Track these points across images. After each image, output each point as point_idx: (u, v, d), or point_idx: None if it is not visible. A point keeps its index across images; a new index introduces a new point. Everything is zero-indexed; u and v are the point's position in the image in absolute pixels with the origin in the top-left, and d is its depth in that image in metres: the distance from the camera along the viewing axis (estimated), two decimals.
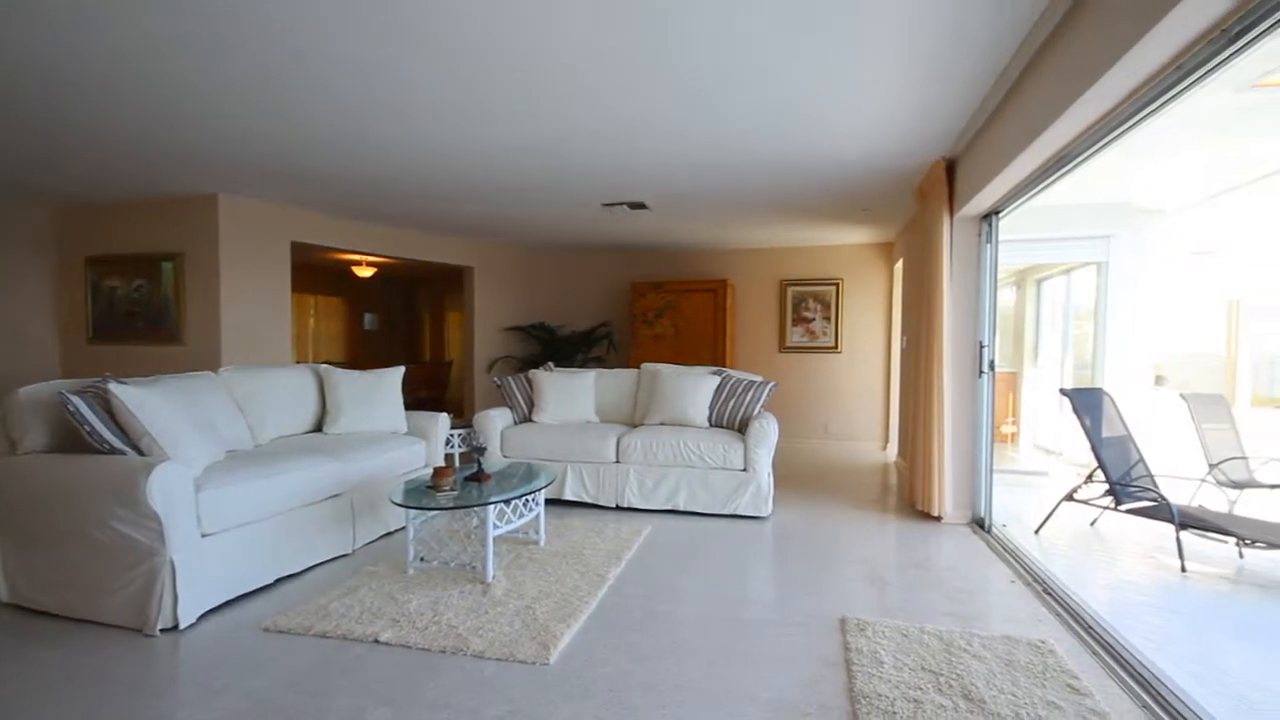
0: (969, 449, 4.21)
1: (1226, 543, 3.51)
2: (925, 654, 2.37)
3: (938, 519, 4.21)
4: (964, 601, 2.95)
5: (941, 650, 2.40)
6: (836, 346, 7.62)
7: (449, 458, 4.96)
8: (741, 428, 4.60)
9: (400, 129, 3.58)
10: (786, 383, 7.57)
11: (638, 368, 5.36)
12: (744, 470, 4.29)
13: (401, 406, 4.46)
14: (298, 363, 5.00)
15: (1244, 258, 8.19)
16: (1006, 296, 8.15)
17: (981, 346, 4.14)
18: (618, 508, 4.48)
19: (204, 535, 2.70)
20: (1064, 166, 2.92)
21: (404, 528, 3.24)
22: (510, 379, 5.19)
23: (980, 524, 4.11)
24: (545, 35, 2.49)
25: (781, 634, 2.60)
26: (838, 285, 7.59)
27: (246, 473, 2.97)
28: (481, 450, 3.54)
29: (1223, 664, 2.43)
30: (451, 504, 3.03)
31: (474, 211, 5.86)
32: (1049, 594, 2.98)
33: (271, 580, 3.04)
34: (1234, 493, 4.37)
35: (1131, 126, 2.34)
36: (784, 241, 7.45)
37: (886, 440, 7.29)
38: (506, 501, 3.19)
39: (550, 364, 5.68)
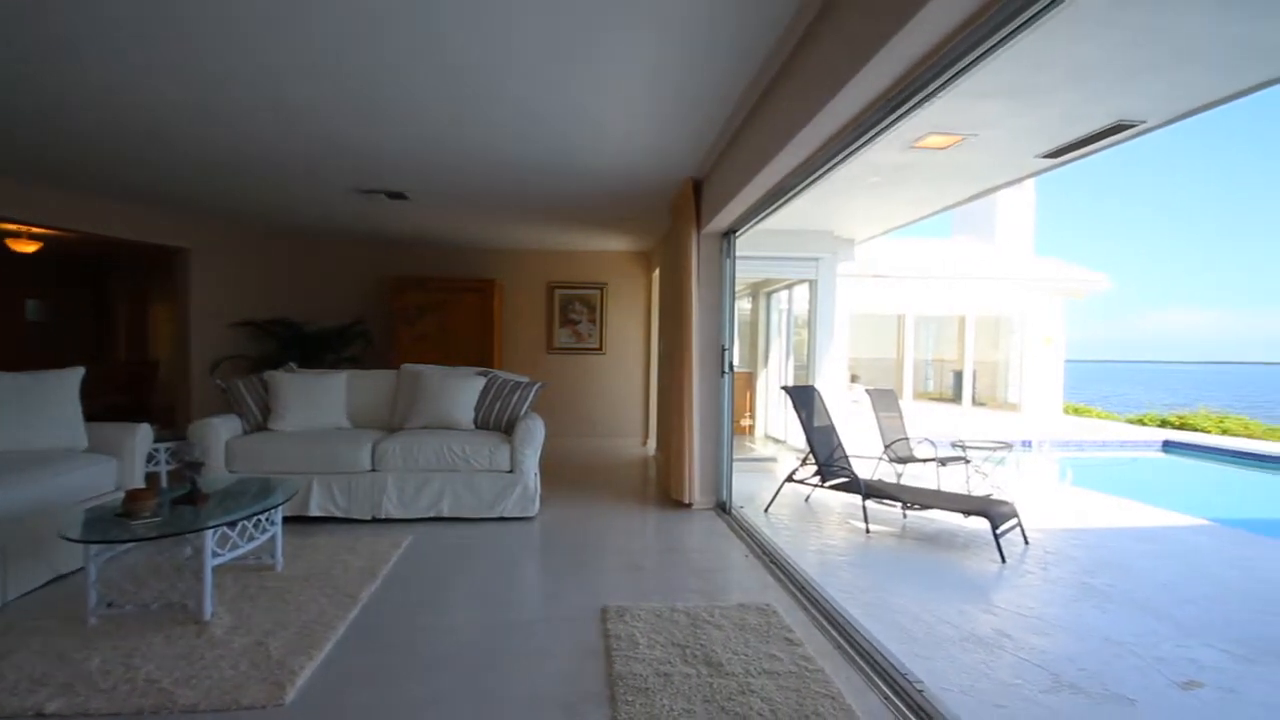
0: (714, 441, 4.71)
1: (895, 507, 4.44)
2: (675, 630, 2.60)
3: (689, 506, 4.63)
4: (709, 578, 3.29)
5: (689, 625, 2.65)
6: (601, 348, 7.98)
7: (152, 477, 4.13)
8: (508, 429, 4.57)
9: (62, 67, 2.88)
10: (554, 383, 7.71)
11: (397, 369, 5.02)
12: (511, 471, 4.26)
13: (79, 416, 3.58)
14: None
15: (907, 282, 10.46)
16: (744, 306, 9.30)
17: (723, 349, 4.67)
18: (374, 520, 4.14)
19: None
20: (783, 196, 3.44)
21: (83, 568, 2.60)
22: (240, 382, 4.49)
23: (723, 507, 4.62)
24: None
25: (547, 630, 2.63)
26: (602, 289, 7.95)
27: None
28: (197, 466, 3.00)
29: (890, 603, 3.07)
30: (152, 533, 2.51)
31: (185, 183, 4.95)
32: (775, 563, 3.47)
33: None
34: (900, 467, 5.55)
35: (829, 169, 2.85)
36: (552, 245, 7.58)
37: (647, 436, 7.83)
38: (231, 524, 2.75)
39: (292, 364, 5.04)
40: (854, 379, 12.26)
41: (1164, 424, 11.67)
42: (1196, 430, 10.84)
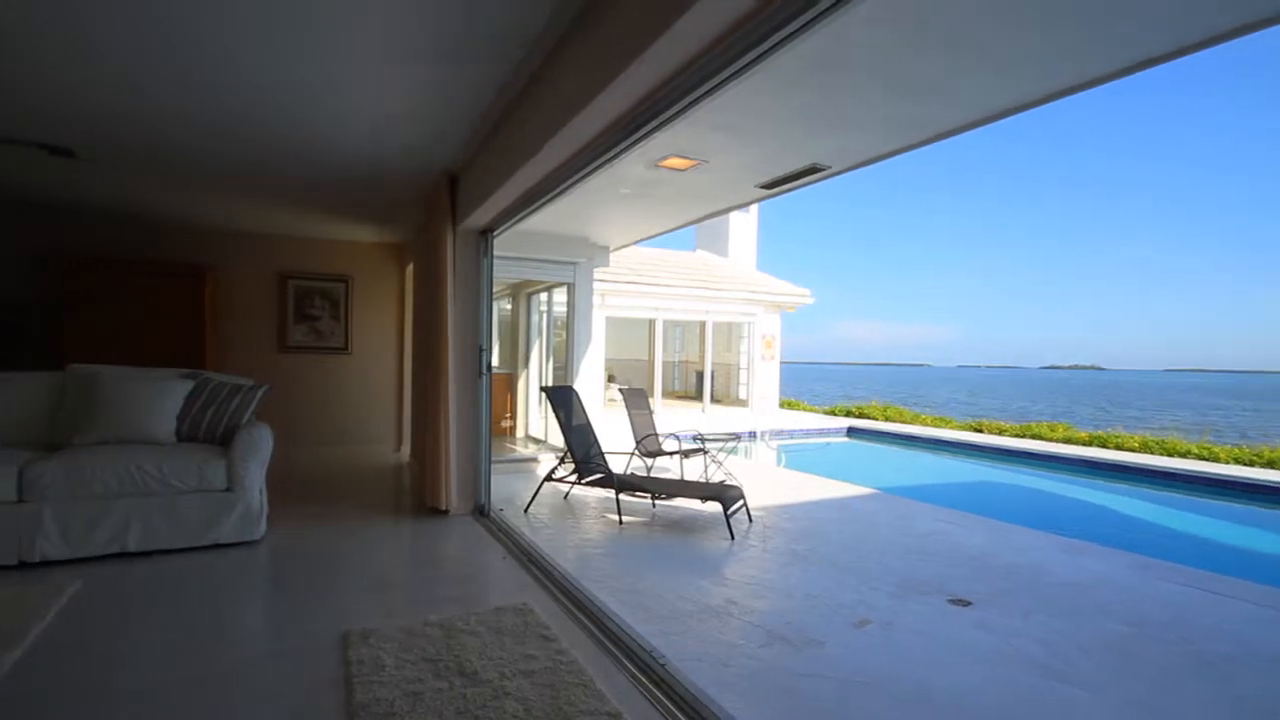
0: (472, 444, 4.59)
1: (646, 498, 4.78)
2: (427, 645, 2.47)
3: (445, 512, 4.44)
4: (465, 586, 3.19)
5: (442, 637, 2.54)
6: (347, 347, 7.26)
7: None
8: (225, 440, 3.91)
9: None
10: (290, 386, 6.81)
11: (63, 370, 3.98)
12: (228, 490, 3.65)
13: None
14: None
15: (657, 289, 11.35)
16: (505, 306, 9.23)
17: (481, 350, 4.57)
18: (22, 565, 3.23)
19: None
20: (541, 198, 3.50)
21: None
22: None
23: (481, 511, 4.52)
24: None
25: (276, 669, 2.31)
26: (348, 283, 7.24)
27: None
28: None
29: (639, 587, 3.30)
30: None
31: None
32: (533, 563, 3.49)
33: None
34: (650, 460, 6.00)
35: (584, 176, 2.98)
36: (286, 230, 6.68)
37: (400, 441, 7.33)
38: None
39: None
40: (610, 379, 12.93)
41: (848, 413, 14.39)
42: (870, 418, 13.56)
